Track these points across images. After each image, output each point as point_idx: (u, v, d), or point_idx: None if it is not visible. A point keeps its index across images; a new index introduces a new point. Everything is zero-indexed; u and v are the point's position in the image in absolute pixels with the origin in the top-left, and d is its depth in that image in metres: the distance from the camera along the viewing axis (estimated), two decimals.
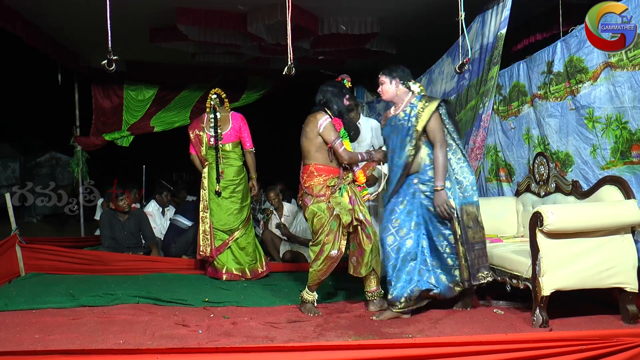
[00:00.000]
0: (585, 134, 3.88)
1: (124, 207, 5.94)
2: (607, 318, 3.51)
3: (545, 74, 4.21)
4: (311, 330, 3.44)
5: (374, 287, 3.91)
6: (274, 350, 2.73)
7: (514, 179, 4.78)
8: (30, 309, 3.97)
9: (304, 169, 3.95)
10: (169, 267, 5.43)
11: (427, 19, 5.90)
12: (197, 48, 6.68)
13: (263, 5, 5.37)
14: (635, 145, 3.50)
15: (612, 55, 3.56)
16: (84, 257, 5.49)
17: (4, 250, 4.96)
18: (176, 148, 11.45)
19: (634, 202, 3.40)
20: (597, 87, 3.72)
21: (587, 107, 3.82)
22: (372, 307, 3.88)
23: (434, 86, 5.80)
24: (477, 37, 4.94)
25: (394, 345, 2.66)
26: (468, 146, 5.10)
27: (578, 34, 3.84)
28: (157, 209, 6.89)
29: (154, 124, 8.07)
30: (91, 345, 3.12)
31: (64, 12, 5.62)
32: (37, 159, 12.42)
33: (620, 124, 3.59)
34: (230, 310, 3.95)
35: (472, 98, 5.09)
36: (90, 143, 7.83)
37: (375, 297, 3.90)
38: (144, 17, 5.81)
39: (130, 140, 8.06)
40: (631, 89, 3.47)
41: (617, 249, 3.41)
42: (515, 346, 2.67)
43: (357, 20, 5.91)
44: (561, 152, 4.10)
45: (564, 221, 3.33)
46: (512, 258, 3.68)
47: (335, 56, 7.04)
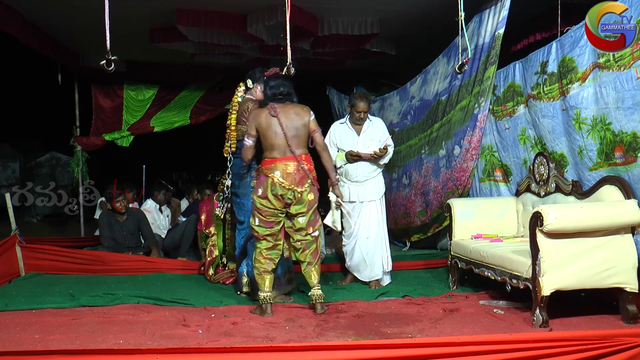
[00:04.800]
0: (573, 135, 3.89)
1: (120, 208, 5.94)
2: (607, 318, 3.52)
3: (538, 74, 4.22)
4: (311, 330, 3.45)
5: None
6: (274, 350, 2.73)
7: (512, 179, 4.78)
8: (30, 309, 3.97)
9: (306, 158, 3.92)
10: (169, 267, 5.43)
11: (427, 19, 5.91)
12: (197, 48, 6.68)
13: (263, 6, 5.37)
14: (617, 147, 3.51)
15: (602, 56, 3.57)
16: (84, 257, 5.49)
17: (4, 250, 4.96)
18: (176, 148, 11.52)
19: (634, 202, 3.40)
20: (585, 87, 3.73)
21: (575, 107, 3.82)
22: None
23: (428, 86, 5.80)
24: (473, 37, 4.94)
25: (393, 345, 2.66)
26: (462, 146, 5.11)
27: (573, 34, 3.84)
28: (155, 205, 6.93)
29: (154, 124, 8.06)
30: (91, 345, 3.12)
31: (64, 12, 5.62)
32: (37, 159, 12.41)
33: (604, 125, 3.60)
34: (231, 310, 3.95)
35: (463, 98, 5.10)
36: (90, 143, 7.82)
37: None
38: (144, 17, 5.81)
39: (130, 140, 8.05)
40: (615, 89, 3.48)
41: (617, 249, 3.41)
42: (515, 346, 2.67)
43: (357, 20, 5.91)
44: (556, 152, 4.11)
45: (564, 221, 3.33)
46: (512, 258, 3.69)
47: (335, 56, 7.05)
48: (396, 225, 6.26)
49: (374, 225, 4.68)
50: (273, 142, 3.83)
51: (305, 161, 3.86)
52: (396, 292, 4.38)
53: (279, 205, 3.83)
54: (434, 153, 5.58)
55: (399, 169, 6.32)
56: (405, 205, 6.15)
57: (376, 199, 4.70)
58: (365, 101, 4.65)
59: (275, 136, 3.82)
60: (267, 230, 3.88)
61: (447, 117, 5.35)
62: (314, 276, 3.95)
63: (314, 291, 3.91)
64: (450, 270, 4.54)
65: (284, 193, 3.80)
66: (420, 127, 5.90)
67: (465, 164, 5.13)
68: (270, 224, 3.87)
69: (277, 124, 3.81)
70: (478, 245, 4.17)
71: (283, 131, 3.80)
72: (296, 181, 3.80)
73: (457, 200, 4.75)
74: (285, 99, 3.90)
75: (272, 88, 3.91)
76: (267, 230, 3.88)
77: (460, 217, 4.55)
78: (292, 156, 3.82)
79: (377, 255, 4.65)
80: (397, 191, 6.31)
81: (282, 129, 3.80)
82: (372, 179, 4.69)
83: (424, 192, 5.76)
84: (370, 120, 4.74)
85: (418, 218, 5.93)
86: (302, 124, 3.86)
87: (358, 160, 4.65)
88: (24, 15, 5.49)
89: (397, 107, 6.47)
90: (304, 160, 3.86)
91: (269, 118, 3.84)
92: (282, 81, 3.93)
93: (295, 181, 3.80)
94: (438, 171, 5.51)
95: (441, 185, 5.46)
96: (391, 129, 5.53)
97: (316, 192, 3.92)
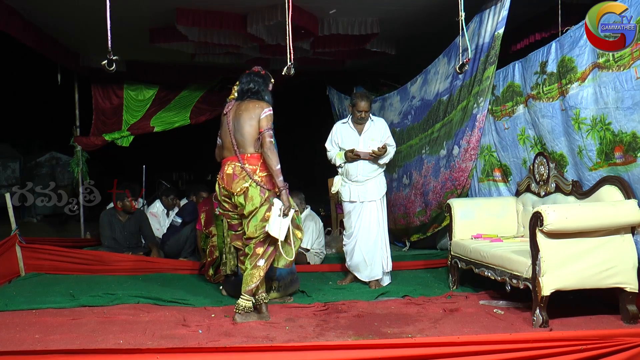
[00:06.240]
0: (572, 135, 3.88)
1: (128, 207, 5.98)
2: (607, 318, 3.52)
3: (538, 74, 4.22)
4: (311, 330, 3.45)
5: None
6: (274, 350, 2.73)
7: (511, 179, 4.78)
8: (30, 309, 3.97)
9: (251, 157, 3.67)
10: (169, 267, 5.43)
11: (427, 19, 5.91)
12: (197, 48, 6.68)
13: (263, 6, 5.37)
14: (617, 147, 3.51)
15: (601, 56, 3.57)
16: (84, 257, 5.48)
17: (4, 250, 4.96)
18: (176, 148, 11.52)
19: (634, 202, 3.40)
20: (585, 88, 3.72)
21: (574, 107, 3.82)
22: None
23: (429, 86, 5.80)
24: (473, 37, 4.94)
25: (393, 345, 2.66)
26: (461, 146, 5.11)
27: (573, 34, 3.84)
28: (162, 210, 6.89)
29: (154, 124, 8.06)
30: (91, 345, 3.12)
31: (64, 12, 5.61)
32: (37, 159, 12.40)
33: (604, 125, 3.60)
34: (231, 310, 3.94)
35: (464, 98, 5.10)
36: (90, 143, 7.82)
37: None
38: (144, 17, 5.81)
39: (130, 140, 8.05)
40: (614, 89, 3.48)
41: (617, 249, 3.42)
42: (515, 346, 2.67)
43: (357, 20, 5.91)
44: (556, 152, 4.11)
45: (564, 221, 3.33)
46: (512, 258, 3.69)
47: (335, 56, 7.05)
48: (396, 226, 6.26)
49: (374, 226, 4.68)
50: (224, 140, 3.76)
51: (248, 161, 3.63)
52: (396, 292, 4.39)
53: (231, 207, 3.78)
54: (435, 153, 5.58)
55: (399, 169, 6.32)
56: (405, 205, 6.15)
57: (376, 199, 4.69)
58: (366, 100, 4.65)
59: (225, 135, 3.75)
60: (234, 234, 3.89)
61: (448, 117, 5.35)
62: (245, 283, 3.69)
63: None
64: (450, 270, 4.54)
65: (225, 195, 3.73)
66: (421, 127, 5.90)
67: (464, 164, 5.13)
68: (234, 227, 3.87)
69: (226, 122, 3.74)
70: (478, 245, 4.17)
71: (229, 129, 3.71)
72: (231, 182, 3.64)
73: (457, 200, 4.76)
74: (253, 96, 3.74)
75: (241, 84, 3.82)
76: (235, 234, 3.88)
77: (460, 217, 4.55)
78: (235, 156, 3.67)
79: (377, 255, 4.65)
80: (397, 191, 6.31)
81: (229, 127, 3.71)
82: (372, 179, 4.68)
83: (424, 192, 5.76)
84: (372, 120, 4.74)
85: (417, 218, 5.93)
86: (250, 122, 3.63)
87: (357, 160, 4.65)
88: (24, 15, 5.49)
89: (398, 107, 6.47)
90: (246, 160, 3.63)
91: (223, 117, 3.81)
92: (253, 78, 3.80)
93: (231, 182, 3.65)
94: (438, 171, 5.51)
95: (440, 185, 5.46)
96: (392, 129, 5.52)
97: (262, 195, 3.62)
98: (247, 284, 3.66)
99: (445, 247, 5.29)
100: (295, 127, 10.49)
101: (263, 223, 3.63)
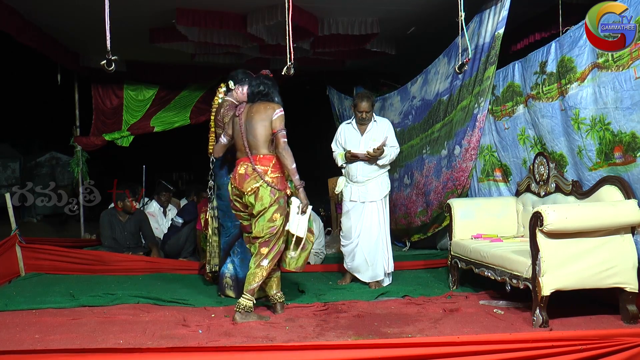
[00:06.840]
0: (572, 135, 3.88)
1: (128, 207, 5.98)
2: (607, 318, 3.52)
3: (538, 74, 4.22)
4: (311, 330, 3.45)
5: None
6: (274, 350, 2.73)
7: (511, 179, 4.78)
8: (30, 309, 3.97)
9: (263, 159, 3.72)
10: (169, 267, 5.42)
11: (427, 19, 5.91)
12: (197, 48, 6.68)
13: (263, 6, 5.37)
14: (617, 147, 3.52)
15: (601, 56, 3.57)
16: (84, 257, 5.49)
17: (4, 250, 4.96)
18: (176, 148, 11.52)
19: (634, 202, 3.40)
20: (584, 88, 3.73)
21: (574, 107, 3.82)
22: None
23: (429, 86, 5.80)
24: (473, 37, 4.94)
25: (393, 345, 2.66)
26: (462, 146, 5.11)
27: (572, 34, 3.84)
28: (159, 209, 6.90)
29: (154, 124, 8.07)
30: (91, 345, 3.12)
31: (64, 12, 5.62)
32: (37, 159, 12.41)
33: (603, 125, 3.60)
34: (231, 310, 3.94)
35: (464, 98, 5.10)
36: (90, 143, 7.83)
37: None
38: (144, 17, 5.81)
39: (130, 140, 8.06)
40: (614, 89, 3.48)
41: (617, 249, 3.42)
42: (515, 346, 2.67)
43: (357, 20, 5.91)
44: (556, 152, 4.11)
45: (564, 221, 3.33)
46: (512, 258, 3.69)
47: (335, 56, 7.05)
48: (397, 226, 6.26)
49: (375, 226, 4.67)
50: (237, 142, 3.83)
51: (260, 162, 3.69)
52: (396, 292, 4.38)
53: (242, 207, 3.83)
54: (436, 153, 5.58)
55: (400, 169, 6.32)
56: (406, 205, 6.15)
57: (378, 199, 4.68)
58: (366, 101, 4.65)
59: (238, 137, 3.81)
60: (247, 236, 3.93)
61: (448, 117, 5.36)
62: (248, 282, 3.71)
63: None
64: (450, 270, 4.54)
65: (237, 194, 3.79)
66: (422, 127, 5.90)
67: (464, 164, 5.13)
68: (246, 228, 3.90)
69: (238, 124, 3.80)
70: (478, 245, 4.17)
71: (241, 131, 3.77)
72: (243, 182, 3.70)
73: (457, 200, 4.76)
74: (263, 98, 3.81)
75: (251, 87, 3.88)
76: (248, 237, 3.93)
77: (460, 217, 4.55)
78: (247, 157, 3.73)
79: (378, 256, 4.65)
80: (398, 191, 6.31)
81: (241, 129, 3.77)
82: (373, 180, 4.67)
83: (425, 192, 5.76)
84: (375, 121, 4.74)
85: (418, 218, 5.93)
86: (262, 124, 3.69)
87: (355, 160, 4.65)
88: (23, 15, 5.49)
89: (398, 107, 6.48)
90: (259, 161, 3.69)
91: (235, 118, 3.85)
92: (263, 80, 3.85)
93: (242, 182, 3.70)
94: (439, 171, 5.51)
95: (441, 185, 5.46)
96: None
97: (272, 195, 3.66)
98: (250, 283, 3.68)
99: (445, 247, 5.29)
100: (295, 127, 10.47)
101: (270, 224, 3.69)
